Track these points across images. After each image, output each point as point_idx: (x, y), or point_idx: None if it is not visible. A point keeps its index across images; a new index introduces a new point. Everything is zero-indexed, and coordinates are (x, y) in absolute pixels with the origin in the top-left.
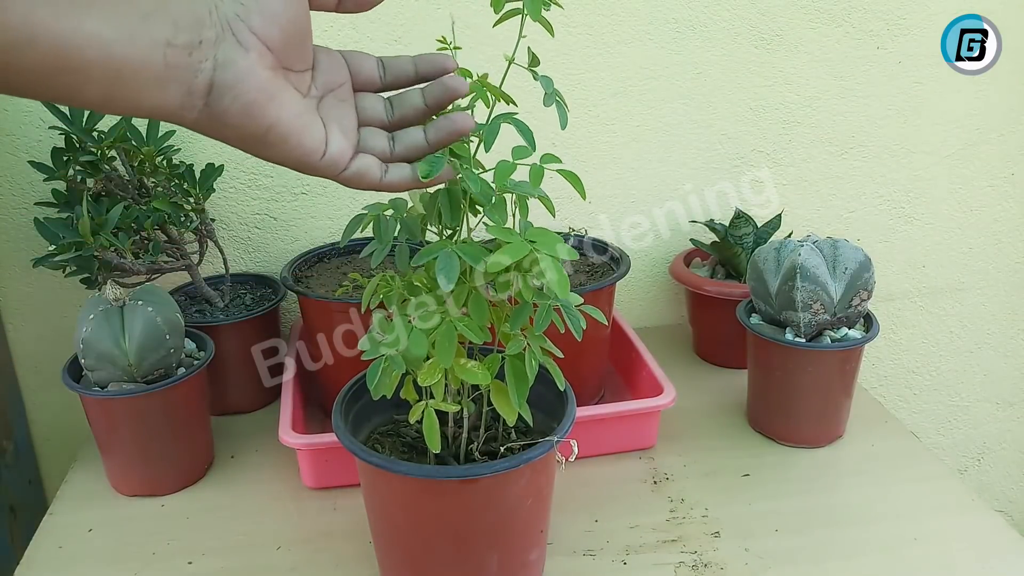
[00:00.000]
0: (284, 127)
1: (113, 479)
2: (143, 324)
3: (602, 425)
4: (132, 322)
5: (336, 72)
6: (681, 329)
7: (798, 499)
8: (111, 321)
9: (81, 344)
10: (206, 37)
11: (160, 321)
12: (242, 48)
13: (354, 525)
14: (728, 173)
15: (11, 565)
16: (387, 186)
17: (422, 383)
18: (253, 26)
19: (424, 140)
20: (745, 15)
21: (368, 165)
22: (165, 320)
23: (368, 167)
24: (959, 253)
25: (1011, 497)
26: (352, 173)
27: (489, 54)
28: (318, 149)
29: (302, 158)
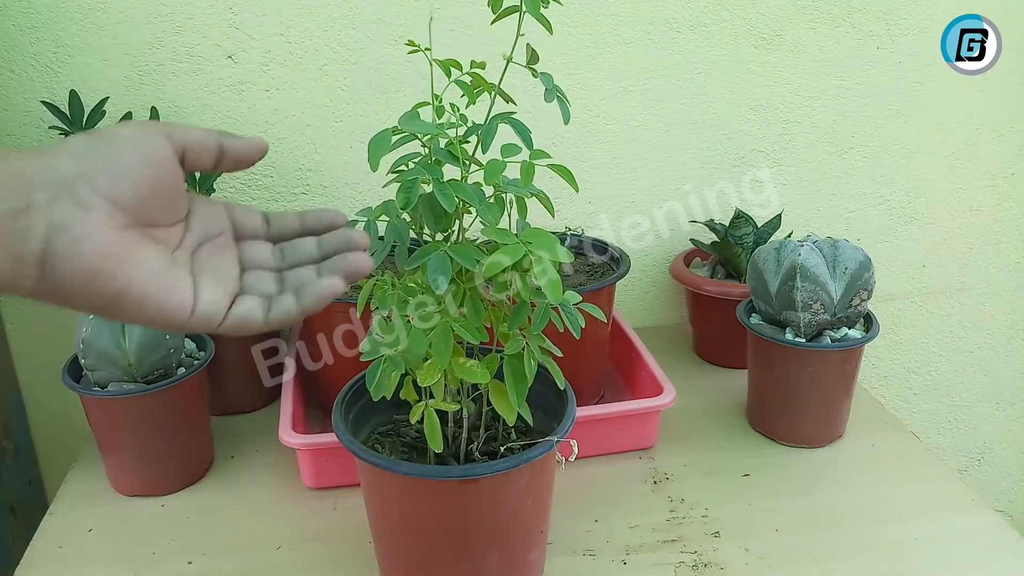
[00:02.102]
0: (138, 291)
1: (113, 479)
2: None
3: (602, 425)
4: None
5: (215, 222)
6: (681, 329)
7: (798, 499)
8: (111, 321)
9: (81, 344)
10: (36, 200)
11: None
12: (82, 210)
13: (354, 525)
14: (728, 173)
15: (11, 565)
16: (272, 326)
17: (422, 383)
18: (98, 185)
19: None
20: (745, 15)
21: (248, 309)
22: None
23: (248, 311)
24: (959, 253)
25: (1011, 497)
26: (231, 322)
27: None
28: (185, 306)
29: (168, 319)
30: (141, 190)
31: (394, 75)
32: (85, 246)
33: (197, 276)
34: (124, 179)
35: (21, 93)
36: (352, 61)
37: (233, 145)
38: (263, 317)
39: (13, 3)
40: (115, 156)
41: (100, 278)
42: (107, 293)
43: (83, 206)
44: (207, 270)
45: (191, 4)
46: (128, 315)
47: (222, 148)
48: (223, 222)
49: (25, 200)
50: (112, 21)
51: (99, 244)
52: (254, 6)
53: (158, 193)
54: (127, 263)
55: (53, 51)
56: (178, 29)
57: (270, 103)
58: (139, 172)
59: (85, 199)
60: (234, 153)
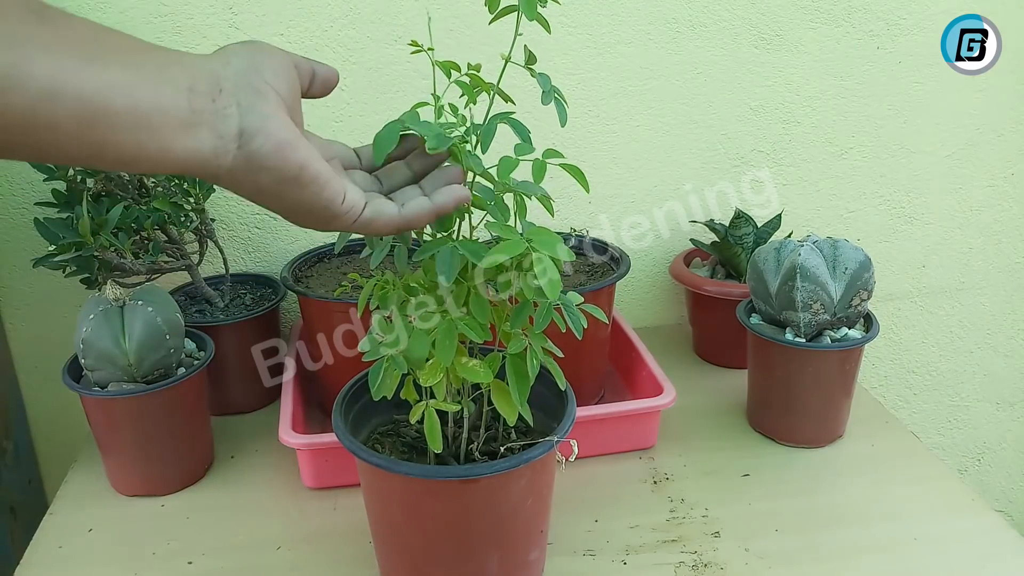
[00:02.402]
0: (314, 167)
1: (113, 479)
2: (143, 324)
3: (602, 425)
4: (132, 322)
5: (326, 149)
6: (681, 329)
7: (798, 499)
8: (111, 321)
9: (81, 344)
10: (225, 87)
11: (160, 321)
12: (260, 95)
13: (354, 525)
14: (728, 173)
15: (11, 565)
16: (407, 219)
17: (424, 383)
18: (265, 77)
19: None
20: (745, 15)
21: (383, 203)
22: (165, 320)
23: (383, 205)
24: (959, 253)
25: (1011, 497)
26: (370, 214)
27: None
28: (340, 192)
29: (329, 200)
30: (289, 88)
31: (394, 75)
32: (272, 121)
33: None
34: (280, 76)
35: None
36: (352, 61)
37: (321, 70)
38: (398, 210)
39: None
40: (270, 58)
41: (287, 149)
42: (293, 163)
43: (260, 93)
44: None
45: (191, 4)
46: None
47: (314, 71)
48: (331, 150)
49: (216, 85)
50: (112, 21)
51: (281, 121)
52: (254, 6)
53: (295, 96)
54: (302, 140)
55: None
56: (178, 29)
57: None
58: (285, 74)
59: (260, 87)
60: (322, 76)
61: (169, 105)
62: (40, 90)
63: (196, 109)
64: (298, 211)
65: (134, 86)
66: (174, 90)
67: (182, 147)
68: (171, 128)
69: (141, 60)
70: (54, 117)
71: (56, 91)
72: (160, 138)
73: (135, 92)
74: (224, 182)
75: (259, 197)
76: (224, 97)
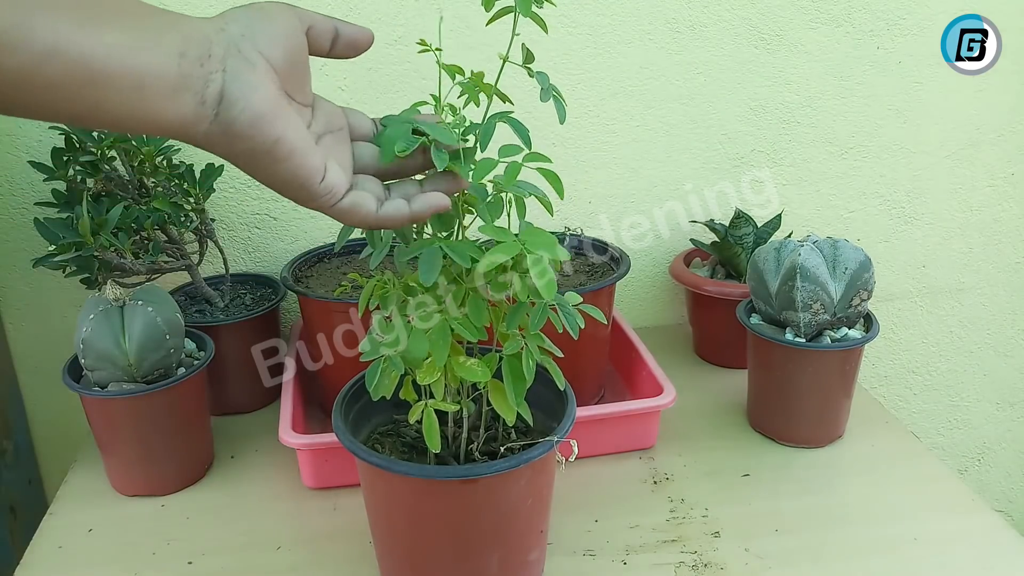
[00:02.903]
0: (290, 142)
1: (113, 479)
2: (143, 324)
3: (602, 425)
4: (132, 322)
5: (334, 118)
6: (681, 329)
7: (798, 499)
8: (111, 321)
9: (81, 344)
10: (215, 52)
11: (160, 321)
12: (249, 63)
13: (354, 525)
14: (728, 173)
15: (11, 565)
16: (381, 219)
17: (421, 382)
18: (258, 45)
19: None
20: (745, 15)
21: (363, 198)
22: (165, 320)
23: (363, 199)
24: (959, 253)
25: (1011, 497)
26: (347, 204)
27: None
28: (319, 171)
29: (305, 178)
30: (287, 56)
31: (394, 75)
32: (255, 92)
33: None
34: (277, 44)
35: None
36: (352, 61)
37: (346, 29)
38: (375, 209)
39: None
40: (269, 24)
41: (263, 122)
42: (268, 137)
43: (249, 61)
44: (331, 154)
45: (191, 4)
46: (278, 164)
47: (337, 31)
48: (341, 120)
49: (206, 51)
50: None
51: (265, 92)
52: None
53: (296, 63)
54: (283, 116)
55: None
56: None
57: None
58: (285, 40)
59: (250, 55)
60: (347, 37)
61: (161, 70)
62: (41, 50)
63: (184, 74)
64: (274, 183)
65: (131, 49)
66: (166, 55)
67: (167, 110)
68: (161, 92)
69: (139, 23)
70: (53, 77)
71: (56, 52)
72: (150, 101)
73: (131, 56)
74: (201, 144)
75: (236, 162)
76: (212, 62)
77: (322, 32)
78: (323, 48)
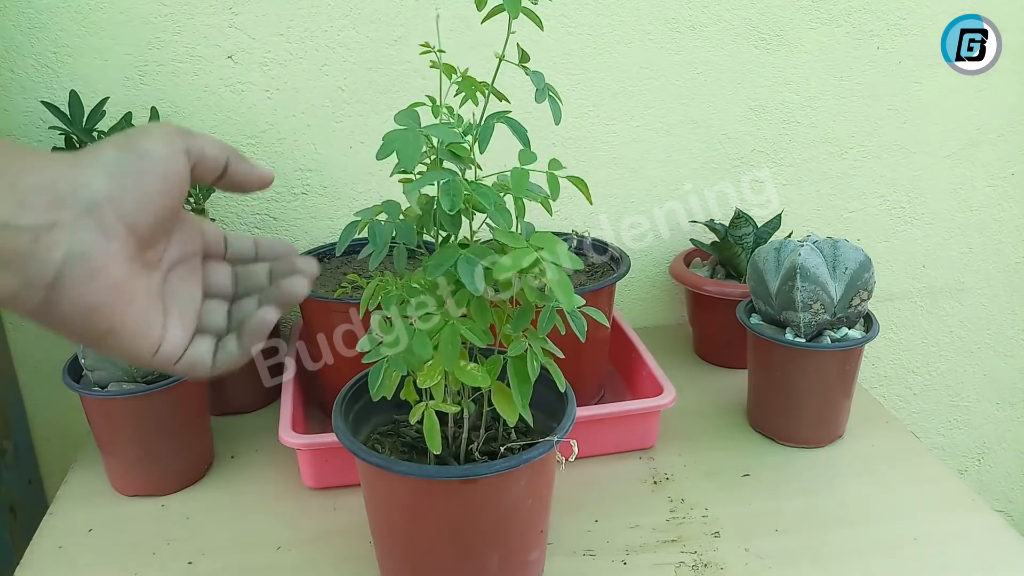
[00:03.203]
0: (126, 329)
1: (113, 479)
2: None
3: (602, 425)
4: None
5: (191, 242)
6: (681, 329)
7: (798, 499)
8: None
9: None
10: (61, 219)
11: None
12: (104, 238)
13: (354, 525)
14: (728, 173)
15: (11, 565)
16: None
17: (422, 385)
18: (123, 209)
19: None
20: (745, 15)
21: (200, 354)
22: None
23: (200, 357)
24: (959, 253)
25: (1011, 497)
26: (183, 365)
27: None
28: (151, 347)
29: (133, 353)
30: (158, 214)
31: (394, 75)
32: (98, 279)
33: (168, 309)
34: (147, 205)
35: (21, 93)
36: (352, 61)
37: (238, 169)
38: (211, 363)
39: (13, 3)
40: (144, 178)
41: (101, 312)
42: (101, 327)
43: (106, 234)
44: (175, 303)
45: (191, 4)
46: (106, 348)
47: (227, 169)
48: (197, 241)
49: (51, 218)
50: (112, 21)
51: (110, 278)
52: (254, 6)
53: (168, 217)
54: (125, 298)
55: (53, 51)
56: (178, 29)
57: (270, 103)
58: (161, 195)
59: (109, 226)
60: (236, 178)
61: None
62: None
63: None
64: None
65: None
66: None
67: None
68: None
69: None
70: None
71: None
72: None
73: None
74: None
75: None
76: (55, 234)
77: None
78: (205, 181)
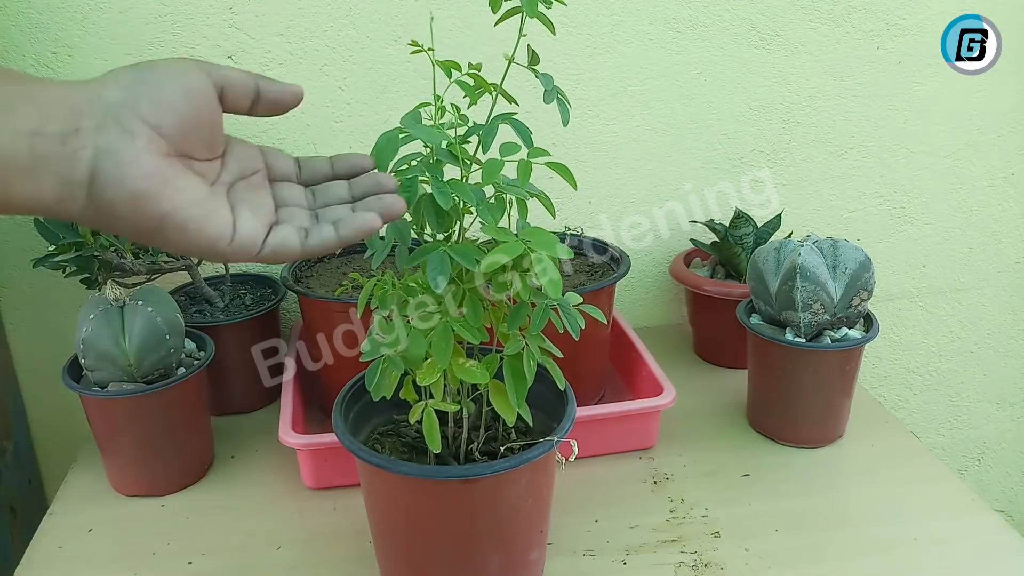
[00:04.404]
0: (180, 216)
1: (113, 479)
2: (143, 324)
3: (602, 425)
4: (132, 322)
5: (249, 162)
6: (681, 329)
7: (798, 499)
8: (111, 321)
9: (81, 344)
10: (84, 126)
11: (160, 321)
12: (127, 135)
13: (354, 525)
14: (728, 173)
15: (11, 565)
16: (308, 252)
17: (421, 383)
18: (142, 113)
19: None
20: (745, 15)
21: (284, 237)
22: (165, 320)
23: (284, 239)
24: (959, 253)
25: (1011, 497)
26: (269, 249)
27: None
28: (224, 235)
29: (207, 246)
30: (182, 120)
31: (394, 75)
32: (130, 169)
33: (235, 206)
34: (167, 108)
35: None
36: (352, 61)
37: (269, 88)
38: (300, 243)
39: (13, 3)
40: (159, 86)
41: (144, 201)
42: (151, 217)
43: (128, 132)
44: (244, 202)
45: (191, 4)
46: (170, 241)
47: (259, 90)
48: (258, 162)
49: (73, 125)
50: (112, 21)
51: (143, 167)
52: (254, 6)
53: (198, 125)
54: (169, 188)
55: (53, 51)
56: (178, 29)
57: None
58: (181, 103)
59: (130, 125)
60: (270, 96)
61: (7, 150)
62: None
63: (40, 154)
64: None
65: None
66: (12, 135)
67: (20, 193)
68: (7, 173)
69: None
70: None
71: None
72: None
73: None
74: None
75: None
76: (80, 137)
77: (240, 91)
78: (241, 107)
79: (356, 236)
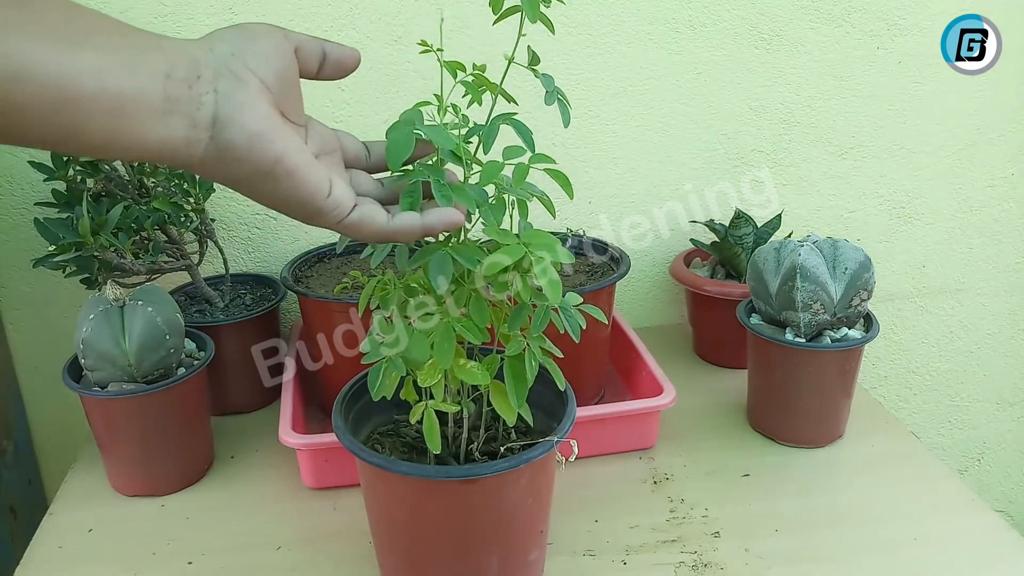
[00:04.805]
0: (291, 160)
1: (113, 479)
2: (143, 324)
3: (602, 425)
4: (132, 322)
5: (328, 141)
6: (681, 329)
7: (798, 499)
8: (111, 321)
9: (81, 344)
10: (204, 73)
11: (160, 321)
12: (240, 82)
13: (354, 525)
14: (728, 173)
15: (11, 565)
16: (395, 231)
17: (422, 384)
18: (249, 64)
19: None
20: (745, 15)
21: (375, 210)
22: (165, 320)
23: (373, 211)
24: (959, 253)
25: (1011, 497)
26: (356, 217)
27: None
28: (323, 187)
29: (309, 195)
30: (278, 74)
31: (394, 75)
32: (248, 111)
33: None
34: (267, 62)
35: None
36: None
37: (333, 50)
38: (386, 219)
39: None
40: (257, 43)
41: (261, 141)
42: (267, 156)
43: (241, 80)
44: (333, 171)
45: (191, 4)
46: (280, 187)
47: (325, 52)
48: (334, 143)
49: (195, 72)
50: None
51: (259, 110)
52: (254, 6)
53: (288, 82)
54: (281, 132)
55: None
56: (178, 29)
57: None
58: (275, 58)
59: (241, 74)
60: (334, 57)
61: (142, 92)
62: (9, 72)
63: (171, 96)
64: (278, 203)
65: (106, 71)
66: (150, 76)
67: (154, 135)
68: (144, 115)
69: (118, 44)
70: (21, 100)
71: (22, 74)
72: (131, 125)
73: (107, 77)
74: (197, 171)
75: (236, 187)
76: (202, 84)
77: (310, 53)
78: (311, 70)
79: (439, 226)
